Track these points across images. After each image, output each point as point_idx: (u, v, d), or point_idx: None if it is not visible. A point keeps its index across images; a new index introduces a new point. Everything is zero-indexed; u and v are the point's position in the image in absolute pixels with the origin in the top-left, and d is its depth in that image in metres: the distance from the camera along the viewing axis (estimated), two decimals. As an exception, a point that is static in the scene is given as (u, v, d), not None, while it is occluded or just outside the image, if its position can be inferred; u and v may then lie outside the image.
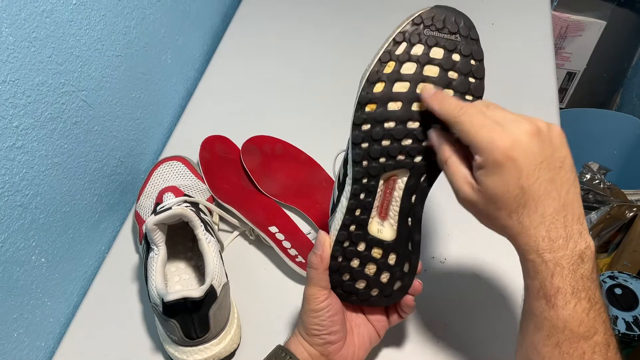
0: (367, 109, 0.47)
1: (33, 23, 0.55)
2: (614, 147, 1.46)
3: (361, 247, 0.51)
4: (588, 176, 1.34)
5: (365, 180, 0.49)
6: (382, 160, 0.48)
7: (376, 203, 0.50)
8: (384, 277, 0.52)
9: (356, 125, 0.47)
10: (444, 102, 0.44)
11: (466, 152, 0.44)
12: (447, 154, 0.45)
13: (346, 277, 0.52)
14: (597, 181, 1.33)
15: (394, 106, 0.46)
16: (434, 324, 0.63)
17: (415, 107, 0.47)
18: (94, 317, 0.67)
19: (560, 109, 1.50)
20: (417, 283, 0.54)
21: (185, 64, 0.92)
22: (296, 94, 0.90)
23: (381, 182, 0.49)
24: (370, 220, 0.51)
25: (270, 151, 0.79)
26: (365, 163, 0.48)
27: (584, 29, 1.48)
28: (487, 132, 0.41)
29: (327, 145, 0.77)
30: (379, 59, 0.46)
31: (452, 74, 0.46)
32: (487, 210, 0.43)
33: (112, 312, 0.67)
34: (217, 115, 0.87)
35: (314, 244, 0.52)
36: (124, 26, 0.72)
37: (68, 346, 0.64)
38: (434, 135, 0.46)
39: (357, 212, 0.50)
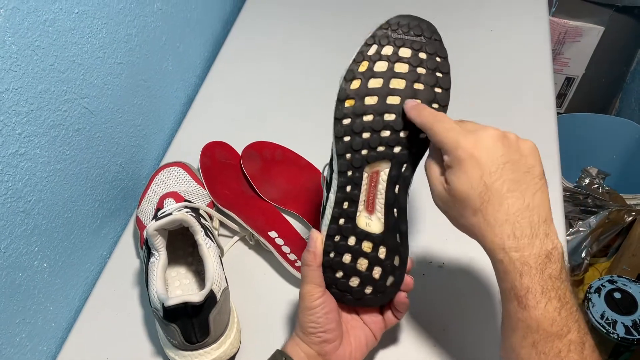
0: (347, 104, 0.51)
1: (36, 32, 0.56)
2: (612, 152, 1.46)
3: (351, 241, 0.53)
4: (587, 181, 1.35)
5: (350, 173, 0.52)
6: (364, 152, 0.52)
7: (362, 197, 0.53)
8: (376, 273, 0.54)
9: (337, 119, 0.51)
10: (422, 112, 0.48)
11: (441, 154, 0.47)
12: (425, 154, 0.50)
13: (339, 274, 0.54)
14: (596, 186, 1.33)
15: (370, 100, 0.51)
16: (432, 328, 0.63)
17: (389, 100, 0.51)
18: (95, 322, 0.67)
19: (559, 114, 1.51)
20: (408, 279, 0.55)
21: (186, 70, 0.93)
22: (296, 100, 0.91)
23: (365, 175, 0.52)
24: (358, 214, 0.53)
25: (270, 157, 0.80)
26: (348, 156, 0.52)
27: (583, 35, 1.49)
28: (455, 134, 0.45)
29: (327, 151, 0.77)
30: (354, 60, 0.51)
31: (420, 70, 0.51)
32: (455, 209, 0.46)
33: (113, 317, 0.67)
34: (217, 121, 0.88)
35: (307, 242, 0.53)
36: (125, 34, 0.73)
37: (70, 350, 0.65)
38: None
39: (345, 205, 0.53)
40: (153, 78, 0.81)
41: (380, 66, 0.51)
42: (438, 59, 0.51)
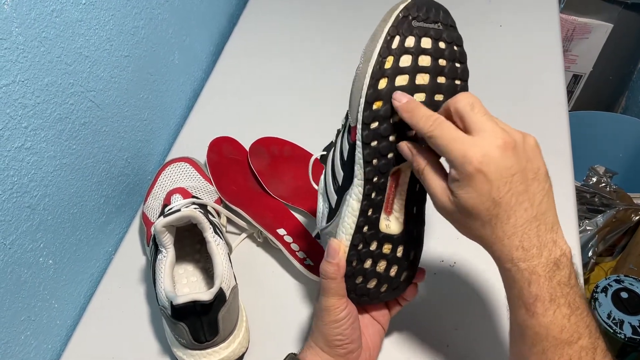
0: (375, 106, 0.46)
1: (42, 23, 0.55)
2: (620, 150, 1.45)
3: (373, 246, 0.51)
4: (594, 179, 1.34)
5: (376, 179, 0.49)
6: (390, 155, 0.48)
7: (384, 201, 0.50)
8: (393, 271, 0.53)
9: (366, 124, 0.47)
10: (415, 112, 0.44)
11: (440, 161, 0.45)
12: (423, 164, 0.45)
13: (359, 279, 0.52)
14: (603, 184, 1.33)
15: None
16: (443, 327, 0.62)
17: (415, 97, 0.47)
18: (101, 320, 0.66)
19: (566, 111, 1.50)
20: (420, 271, 0.54)
21: (193, 64, 0.91)
22: (304, 94, 0.90)
23: (389, 178, 0.49)
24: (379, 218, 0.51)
25: (278, 153, 0.79)
26: (375, 161, 0.48)
27: (591, 32, 1.47)
28: (460, 147, 0.41)
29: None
30: (379, 54, 0.45)
31: (442, 62, 0.47)
32: (462, 220, 0.44)
33: (119, 315, 0.66)
34: (224, 116, 0.87)
35: (326, 252, 0.50)
36: (132, 26, 0.71)
37: (75, 349, 0.64)
38: (405, 148, 0.47)
39: (370, 213, 0.50)
40: (159, 71, 0.80)
41: (405, 60, 0.46)
42: (456, 48, 0.47)
